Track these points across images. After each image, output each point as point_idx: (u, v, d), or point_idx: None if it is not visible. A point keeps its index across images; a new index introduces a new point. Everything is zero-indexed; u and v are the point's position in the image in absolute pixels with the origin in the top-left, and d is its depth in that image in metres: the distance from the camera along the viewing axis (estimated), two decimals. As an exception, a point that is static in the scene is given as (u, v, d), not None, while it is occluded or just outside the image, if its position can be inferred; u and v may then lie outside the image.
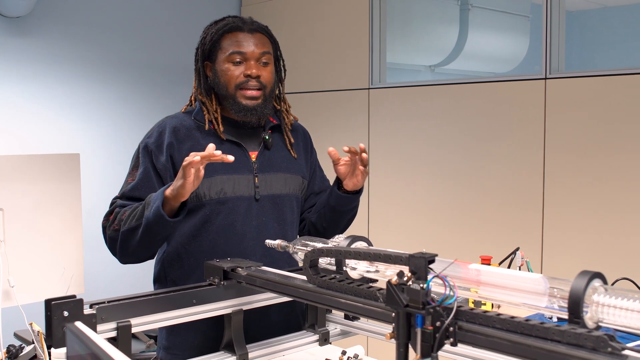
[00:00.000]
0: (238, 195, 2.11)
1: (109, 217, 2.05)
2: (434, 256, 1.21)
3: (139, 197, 2.04)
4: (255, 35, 2.15)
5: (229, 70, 2.12)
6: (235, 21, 2.16)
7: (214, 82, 2.17)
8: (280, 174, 2.20)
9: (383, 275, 1.47)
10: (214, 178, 2.08)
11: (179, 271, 2.13)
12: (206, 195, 2.08)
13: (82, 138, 4.64)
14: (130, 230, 1.96)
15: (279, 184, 2.18)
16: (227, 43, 2.14)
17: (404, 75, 5.92)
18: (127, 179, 2.13)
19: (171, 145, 2.10)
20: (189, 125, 2.16)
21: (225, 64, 2.13)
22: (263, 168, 2.16)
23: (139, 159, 2.13)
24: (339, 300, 1.43)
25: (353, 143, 2.67)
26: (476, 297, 1.31)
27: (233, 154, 2.09)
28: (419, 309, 1.15)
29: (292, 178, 2.22)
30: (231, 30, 2.15)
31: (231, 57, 2.12)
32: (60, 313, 1.50)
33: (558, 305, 1.17)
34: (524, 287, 1.22)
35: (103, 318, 1.59)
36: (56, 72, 4.56)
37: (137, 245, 1.97)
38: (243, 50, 2.12)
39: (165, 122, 2.17)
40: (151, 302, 1.69)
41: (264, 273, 1.70)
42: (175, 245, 2.13)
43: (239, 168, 2.13)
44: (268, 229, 2.14)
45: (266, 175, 2.16)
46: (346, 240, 1.58)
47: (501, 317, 1.14)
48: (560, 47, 3.65)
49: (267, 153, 2.20)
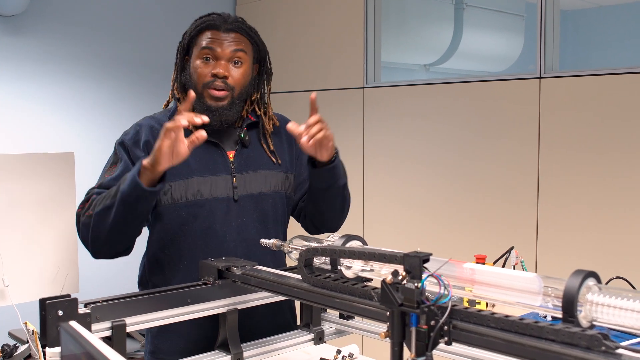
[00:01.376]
0: (215, 197, 2.06)
1: (84, 204, 1.97)
2: (429, 255, 1.21)
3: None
4: (232, 34, 2.09)
5: (199, 67, 2.08)
6: (216, 19, 2.11)
7: (186, 79, 2.14)
8: (260, 172, 2.13)
9: (378, 275, 1.48)
10: (190, 180, 2.04)
11: (160, 276, 2.09)
12: (182, 197, 2.03)
13: (77, 137, 4.63)
14: (104, 209, 1.86)
15: (258, 182, 2.12)
16: (202, 39, 2.10)
17: (398, 74, 5.92)
18: (104, 174, 2.06)
19: (148, 143, 2.04)
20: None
21: (196, 61, 2.09)
22: (241, 167, 2.11)
23: (117, 155, 2.07)
24: (333, 300, 1.43)
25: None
26: (471, 296, 1.31)
27: (210, 154, 2.08)
28: (413, 308, 1.15)
29: (272, 175, 2.15)
30: (208, 27, 2.10)
31: (202, 53, 2.08)
32: (54, 312, 1.49)
33: (552, 304, 1.17)
34: (519, 286, 1.23)
35: (97, 317, 1.58)
36: (51, 71, 4.55)
37: (110, 227, 1.87)
38: (214, 47, 2.06)
39: (142, 122, 2.14)
40: (146, 301, 1.69)
41: (258, 272, 1.70)
42: (154, 251, 2.11)
43: (216, 169, 2.08)
44: (249, 229, 2.09)
45: (245, 175, 2.10)
46: (341, 239, 1.58)
47: (495, 316, 1.14)
48: (554, 46, 3.66)
49: (245, 151, 2.14)
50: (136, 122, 2.16)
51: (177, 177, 2.03)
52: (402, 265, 1.22)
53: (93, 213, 1.89)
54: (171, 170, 1.96)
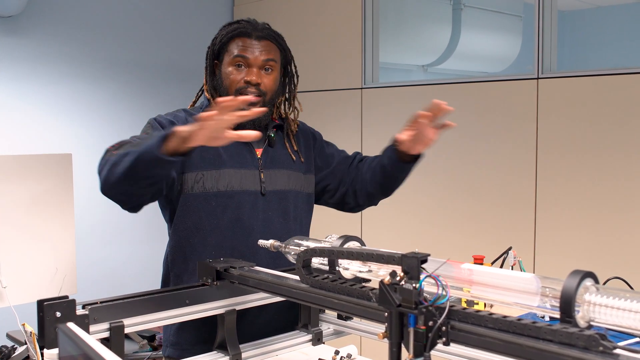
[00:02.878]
0: (245, 190, 2.13)
1: (115, 144, 1.91)
2: (427, 256, 1.22)
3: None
4: (262, 42, 2.17)
5: (231, 73, 2.15)
6: (246, 26, 2.19)
7: (217, 83, 2.20)
8: (284, 170, 2.22)
9: (376, 275, 1.48)
10: (222, 171, 2.10)
11: (182, 266, 2.12)
12: (214, 187, 2.09)
13: (75, 138, 4.63)
14: (123, 155, 1.80)
15: (282, 179, 2.21)
16: (233, 46, 2.17)
17: (396, 75, 5.93)
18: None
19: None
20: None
21: (229, 67, 2.16)
22: (267, 164, 2.19)
23: (149, 127, 2.08)
24: (332, 300, 1.43)
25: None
26: (469, 296, 1.31)
27: (239, 148, 2.15)
28: (411, 309, 1.16)
29: (294, 175, 2.24)
30: (239, 35, 2.17)
31: (235, 60, 2.15)
32: (52, 314, 1.49)
33: (550, 305, 1.17)
34: (516, 287, 1.23)
35: (96, 319, 1.59)
36: (48, 72, 4.55)
37: (120, 174, 1.79)
38: (247, 55, 2.14)
39: (176, 112, 2.20)
40: (144, 302, 1.69)
41: (256, 273, 1.70)
42: (178, 239, 2.12)
43: (246, 163, 2.15)
44: (274, 223, 2.16)
45: (270, 172, 2.18)
46: (339, 240, 1.58)
47: (493, 317, 1.15)
48: (552, 46, 3.66)
49: (271, 150, 2.22)
50: (169, 113, 2.19)
51: (209, 167, 2.09)
52: (400, 266, 1.22)
53: (116, 153, 1.83)
54: (204, 159, 2.07)
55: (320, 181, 2.34)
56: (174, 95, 5.02)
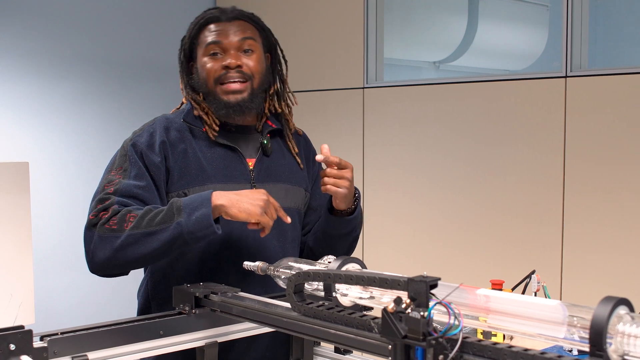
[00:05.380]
0: None
1: (102, 212, 1.95)
2: (437, 280, 1.22)
3: (138, 197, 1.99)
4: (235, 22, 2.16)
5: (207, 64, 2.13)
6: (214, 12, 2.17)
7: (196, 82, 2.18)
8: (281, 184, 2.19)
9: (378, 302, 1.48)
10: (206, 187, 2.06)
11: (165, 293, 2.09)
12: None
13: (32, 144, 4.62)
14: (144, 234, 1.88)
15: (279, 195, 2.13)
16: (204, 36, 2.15)
17: (404, 72, 5.94)
18: (110, 174, 2.05)
19: (164, 144, 2.07)
20: (180, 126, 2.15)
21: (203, 58, 2.14)
22: (261, 177, 2.16)
23: (126, 157, 2.07)
24: (327, 331, 1.43)
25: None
26: (485, 326, 1.31)
27: (228, 160, 2.13)
28: (419, 341, 1.16)
29: (293, 190, 2.23)
30: (208, 22, 2.16)
31: (208, 49, 2.13)
32: (6, 346, 1.49)
33: (578, 336, 1.17)
34: (540, 316, 1.23)
35: (56, 352, 1.58)
36: (1, 68, 4.54)
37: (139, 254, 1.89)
38: (220, 40, 2.12)
39: (155, 124, 2.15)
40: (111, 333, 1.68)
41: (241, 300, 1.70)
42: (160, 265, 2.12)
43: (235, 176, 2.12)
44: (268, 246, 2.14)
45: (265, 186, 2.14)
46: (336, 261, 1.58)
47: (513, 350, 1.15)
48: (582, 40, 3.68)
49: (266, 160, 2.20)
50: (148, 122, 2.18)
51: (192, 184, 2.07)
52: (407, 291, 1.22)
53: (124, 231, 1.89)
54: (186, 175, 2.06)
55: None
56: (148, 96, 5.02)
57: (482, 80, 4.05)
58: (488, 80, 4.01)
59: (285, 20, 4.86)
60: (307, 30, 4.80)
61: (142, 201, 1.99)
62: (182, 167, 2.07)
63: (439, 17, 5.89)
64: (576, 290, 3.55)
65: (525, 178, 3.78)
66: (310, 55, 4.75)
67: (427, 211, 4.16)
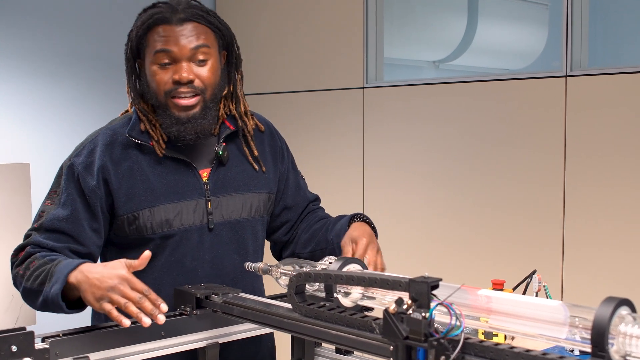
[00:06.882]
0: (187, 227, 2.01)
1: (19, 253, 1.94)
2: (438, 281, 1.22)
3: (61, 231, 1.93)
4: (187, 25, 1.97)
5: (156, 74, 1.98)
6: (163, 10, 1.99)
7: (144, 89, 2.04)
8: (238, 194, 2.09)
9: (379, 303, 1.48)
10: (156, 208, 1.98)
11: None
12: (148, 229, 1.98)
13: (33, 145, 4.61)
14: (31, 290, 1.85)
15: (237, 207, 2.07)
16: (152, 39, 1.99)
17: (403, 72, 5.94)
18: (45, 201, 2.00)
19: (104, 168, 1.97)
20: (125, 141, 2.02)
21: (152, 67, 1.99)
22: (217, 189, 2.06)
23: (60, 180, 2.00)
24: (329, 332, 1.43)
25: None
26: (487, 327, 1.32)
27: (179, 174, 2.02)
28: (420, 342, 1.16)
29: (253, 197, 2.11)
30: (157, 22, 1.98)
31: (157, 57, 1.97)
32: (7, 348, 1.49)
33: (580, 337, 1.17)
34: (541, 316, 1.23)
35: (57, 353, 1.58)
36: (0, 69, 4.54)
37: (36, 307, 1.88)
38: (169, 49, 1.95)
39: (97, 138, 2.03)
40: (112, 334, 1.69)
41: (243, 301, 1.70)
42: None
43: (187, 192, 2.02)
44: (225, 262, 2.06)
45: (221, 198, 2.06)
46: (337, 262, 1.59)
47: (515, 351, 1.15)
48: (582, 39, 3.68)
49: (222, 170, 2.08)
50: (91, 136, 2.07)
51: (141, 206, 1.98)
52: (408, 292, 1.22)
53: (23, 281, 1.88)
54: (135, 197, 1.97)
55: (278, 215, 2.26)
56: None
57: (482, 79, 4.05)
58: (488, 80, 4.00)
59: (285, 20, 4.85)
60: (307, 30, 4.80)
61: (65, 234, 1.93)
62: (129, 188, 1.98)
63: (439, 16, 5.89)
64: (577, 289, 3.55)
65: (525, 177, 3.78)
66: (310, 55, 4.75)
67: (428, 211, 4.15)
